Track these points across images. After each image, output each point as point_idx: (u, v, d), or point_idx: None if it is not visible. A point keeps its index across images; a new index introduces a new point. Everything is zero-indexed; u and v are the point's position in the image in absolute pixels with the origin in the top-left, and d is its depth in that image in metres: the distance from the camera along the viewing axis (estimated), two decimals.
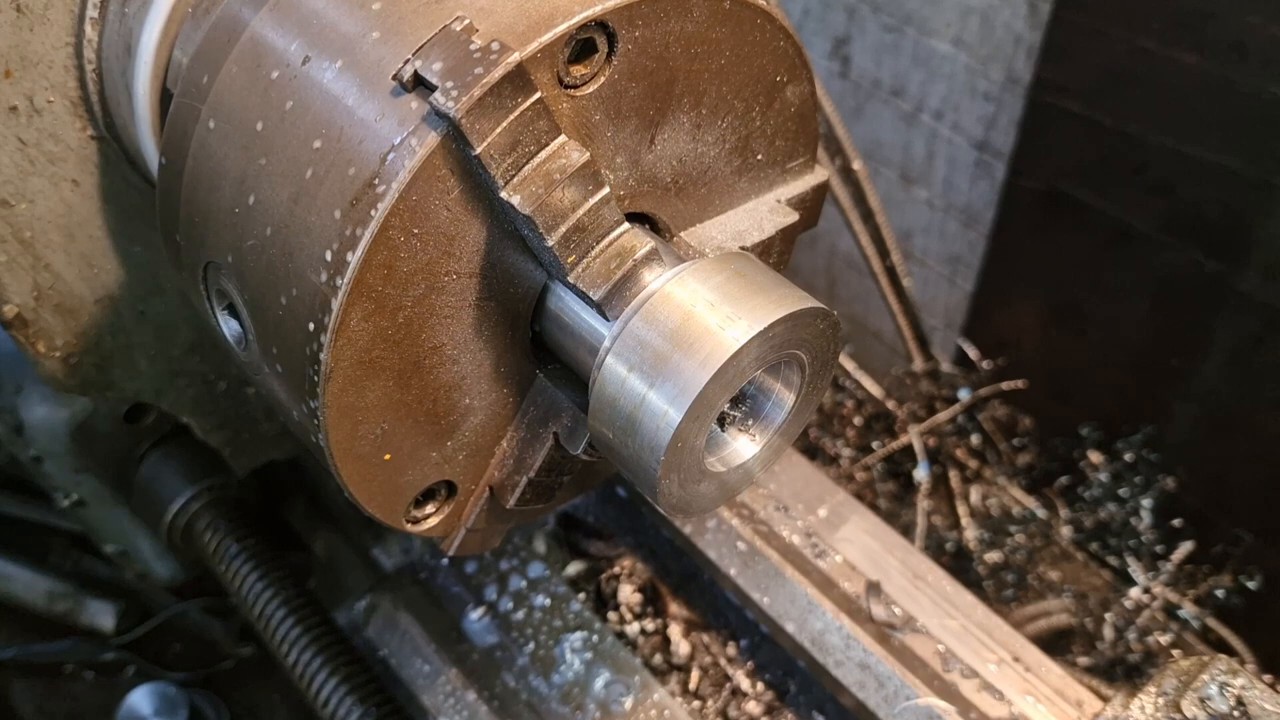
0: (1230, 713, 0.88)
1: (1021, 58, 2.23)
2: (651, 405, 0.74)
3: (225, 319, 0.85)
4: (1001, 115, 2.34)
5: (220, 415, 1.35)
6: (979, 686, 1.17)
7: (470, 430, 0.86)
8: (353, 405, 0.77)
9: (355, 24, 0.75)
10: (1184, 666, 0.93)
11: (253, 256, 0.78)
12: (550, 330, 0.85)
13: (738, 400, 0.81)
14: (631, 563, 1.37)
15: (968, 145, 2.46)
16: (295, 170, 0.74)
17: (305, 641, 1.32)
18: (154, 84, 0.97)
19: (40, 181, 1.03)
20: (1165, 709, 0.91)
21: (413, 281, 0.74)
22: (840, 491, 1.39)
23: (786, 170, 0.95)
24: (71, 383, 1.18)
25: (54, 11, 0.97)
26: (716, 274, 0.77)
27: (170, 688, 1.66)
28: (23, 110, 0.99)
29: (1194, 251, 2.09)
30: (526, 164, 0.72)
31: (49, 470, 1.40)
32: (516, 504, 0.89)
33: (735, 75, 0.84)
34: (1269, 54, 1.08)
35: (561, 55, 0.72)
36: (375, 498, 0.84)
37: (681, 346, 0.73)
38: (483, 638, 1.34)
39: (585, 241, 0.75)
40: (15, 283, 1.07)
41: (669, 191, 0.86)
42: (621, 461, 0.80)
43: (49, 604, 1.84)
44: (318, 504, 1.78)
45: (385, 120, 0.71)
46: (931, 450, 2.35)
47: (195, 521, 1.45)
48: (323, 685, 1.29)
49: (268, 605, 1.36)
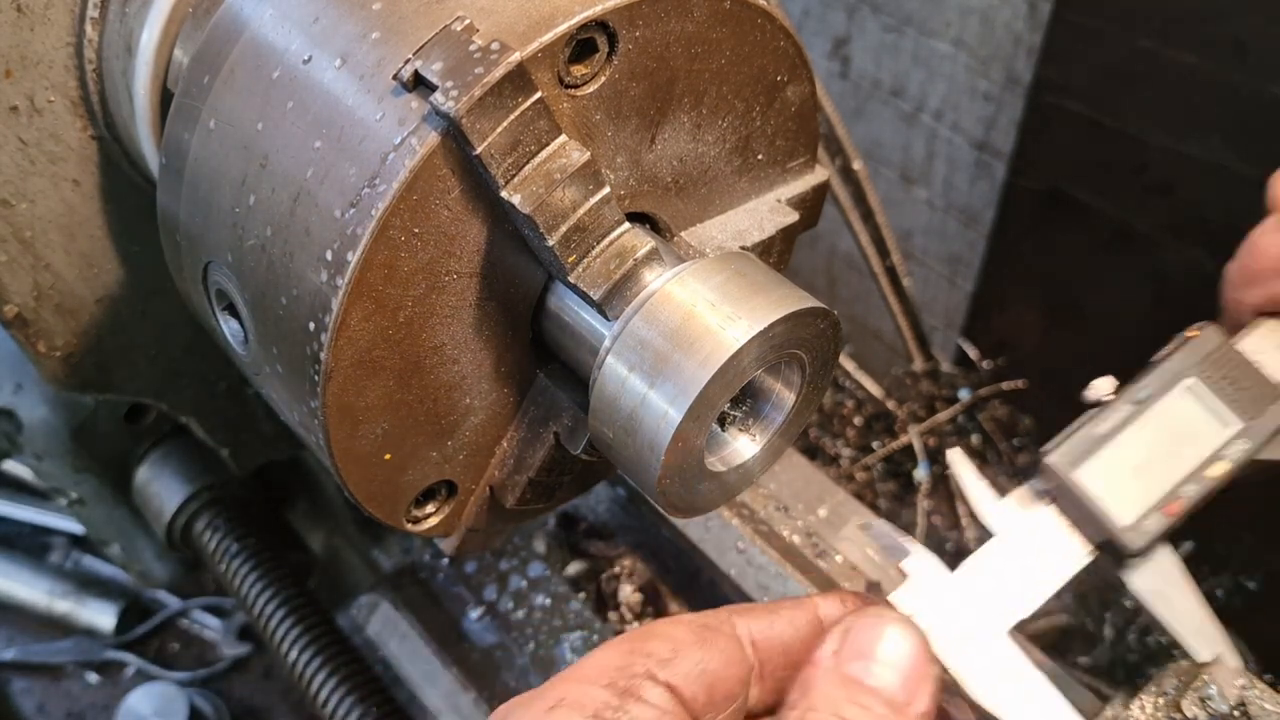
0: (1230, 713, 0.88)
1: (1021, 58, 2.23)
2: (652, 405, 0.74)
3: (225, 319, 0.85)
4: (1001, 115, 2.34)
5: (220, 415, 1.35)
6: None
7: (470, 430, 0.86)
8: (353, 405, 0.77)
9: (356, 24, 0.75)
10: (1184, 666, 0.93)
11: (253, 256, 0.78)
12: (550, 330, 0.85)
13: (738, 400, 0.80)
14: (632, 563, 1.37)
15: (968, 145, 2.46)
16: (296, 170, 0.74)
17: (305, 641, 1.32)
18: (154, 84, 0.97)
19: (41, 181, 1.03)
20: (1165, 709, 0.91)
21: (413, 281, 0.74)
22: (840, 491, 1.39)
23: (787, 170, 0.95)
24: (71, 383, 1.18)
25: (54, 11, 0.97)
26: (717, 274, 0.77)
27: (170, 688, 1.66)
28: (23, 110, 0.99)
29: (1194, 251, 2.09)
30: (527, 164, 0.72)
31: (49, 470, 1.40)
32: (517, 504, 0.89)
33: (736, 75, 0.84)
34: (1269, 54, 1.08)
35: (562, 55, 0.72)
36: (375, 497, 0.84)
37: (682, 346, 0.73)
38: (483, 638, 1.34)
39: (586, 241, 0.75)
40: (15, 283, 1.07)
41: (669, 191, 0.87)
42: (621, 461, 0.80)
43: (49, 604, 1.84)
44: (318, 504, 1.78)
45: (385, 120, 0.71)
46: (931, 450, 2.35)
47: (195, 521, 1.45)
48: (323, 685, 1.29)
49: (268, 605, 1.36)
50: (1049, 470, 0.76)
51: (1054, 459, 0.76)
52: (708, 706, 0.66)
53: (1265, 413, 0.79)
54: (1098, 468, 0.76)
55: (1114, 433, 0.77)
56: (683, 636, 0.67)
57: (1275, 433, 0.80)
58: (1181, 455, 0.78)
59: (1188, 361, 0.81)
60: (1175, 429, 0.78)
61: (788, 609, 0.72)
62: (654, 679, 0.65)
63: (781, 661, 0.70)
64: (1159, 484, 0.76)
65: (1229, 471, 0.78)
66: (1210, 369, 0.81)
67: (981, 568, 0.74)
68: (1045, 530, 0.76)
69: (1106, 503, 0.74)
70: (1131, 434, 0.78)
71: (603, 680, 0.64)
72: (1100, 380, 0.80)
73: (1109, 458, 0.77)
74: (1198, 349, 0.82)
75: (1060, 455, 0.76)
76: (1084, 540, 0.76)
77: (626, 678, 0.64)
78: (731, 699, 0.68)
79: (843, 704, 0.65)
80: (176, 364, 1.25)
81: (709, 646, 0.67)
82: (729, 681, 0.67)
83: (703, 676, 0.66)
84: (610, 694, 0.63)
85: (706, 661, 0.67)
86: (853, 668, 0.66)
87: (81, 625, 1.83)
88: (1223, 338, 0.83)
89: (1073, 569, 0.76)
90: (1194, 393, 0.79)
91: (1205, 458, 0.78)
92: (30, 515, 2.00)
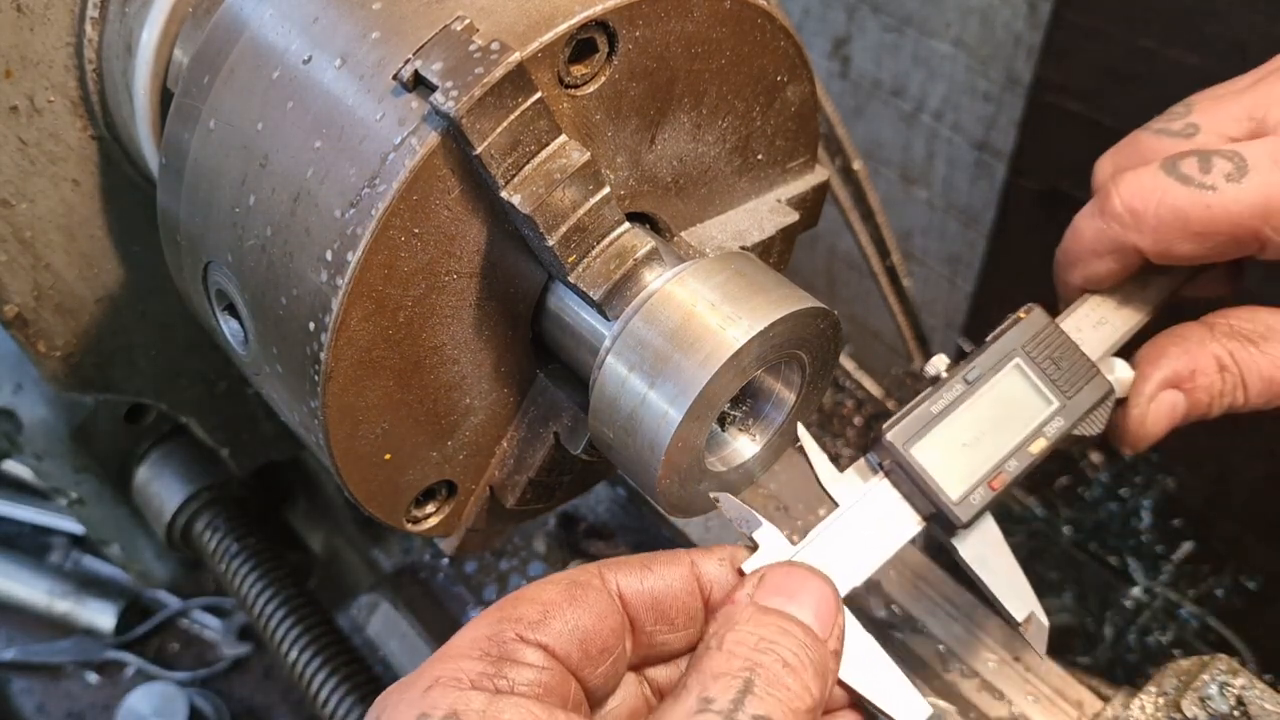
0: (1230, 713, 0.88)
1: (1021, 58, 2.23)
2: (652, 405, 0.74)
3: (225, 319, 0.85)
4: (1001, 115, 2.34)
5: (220, 415, 1.35)
6: (979, 686, 1.17)
7: (470, 430, 0.86)
8: (353, 405, 0.77)
9: (355, 24, 0.75)
10: (1184, 666, 0.93)
11: (253, 256, 0.78)
12: (550, 330, 0.85)
13: (738, 400, 0.81)
14: None
15: (968, 145, 2.46)
16: (296, 170, 0.74)
17: (305, 641, 1.32)
18: (154, 84, 0.97)
19: (41, 181, 1.03)
20: (1165, 709, 0.91)
21: (413, 281, 0.74)
22: None
23: (787, 170, 0.95)
24: (71, 383, 1.18)
25: (54, 11, 0.97)
26: (717, 273, 0.77)
27: (170, 688, 1.66)
28: (23, 110, 0.99)
29: None
30: (527, 164, 0.72)
31: (49, 470, 1.40)
32: (517, 504, 0.89)
33: (736, 75, 0.84)
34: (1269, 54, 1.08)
35: (562, 55, 0.72)
36: (375, 497, 0.84)
37: (682, 346, 0.73)
38: None
39: (586, 241, 0.75)
40: (15, 282, 1.07)
41: (669, 191, 0.87)
42: (622, 461, 0.80)
43: (49, 604, 1.84)
44: (318, 504, 1.78)
45: (385, 120, 0.71)
46: None
47: (195, 521, 1.45)
48: (323, 685, 1.29)
49: (268, 605, 1.36)
50: (886, 447, 0.81)
51: (891, 436, 0.81)
52: (585, 662, 0.68)
53: (1081, 391, 0.86)
54: (930, 444, 0.81)
55: (946, 411, 0.83)
56: (552, 597, 0.68)
57: (1088, 410, 0.86)
58: (1006, 432, 0.83)
59: (1016, 341, 0.87)
60: (1002, 407, 0.84)
61: (661, 563, 0.73)
62: (526, 641, 0.66)
63: (652, 615, 0.72)
64: (985, 460, 0.82)
65: (1046, 449, 0.83)
66: (1035, 348, 0.87)
67: (823, 538, 0.78)
68: (880, 502, 0.81)
69: (938, 479, 0.80)
70: (962, 412, 0.83)
71: (474, 653, 0.65)
72: (937, 358, 0.86)
73: (941, 435, 0.82)
74: (1026, 329, 0.88)
75: (896, 433, 0.81)
76: (915, 512, 0.81)
77: (498, 645, 0.65)
78: (609, 652, 0.69)
79: (766, 628, 0.67)
80: (176, 364, 1.25)
81: (579, 603, 0.68)
82: (603, 635, 0.69)
83: (575, 633, 0.67)
84: (485, 663, 0.64)
85: (578, 618, 0.68)
86: (772, 602, 0.69)
87: (81, 625, 1.83)
88: (1048, 319, 0.90)
89: (904, 539, 0.80)
90: (1020, 371, 0.86)
91: (1027, 435, 0.83)
92: (30, 515, 2.00)
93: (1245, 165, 0.84)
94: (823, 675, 0.68)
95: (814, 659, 0.67)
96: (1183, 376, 0.91)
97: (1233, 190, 0.84)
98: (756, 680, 0.64)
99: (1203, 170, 0.85)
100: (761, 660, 0.66)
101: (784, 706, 0.64)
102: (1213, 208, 0.85)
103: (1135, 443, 0.92)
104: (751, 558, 0.75)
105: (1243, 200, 0.84)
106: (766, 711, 0.63)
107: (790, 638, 0.67)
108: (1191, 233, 0.86)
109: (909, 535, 0.81)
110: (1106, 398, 0.88)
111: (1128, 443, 0.93)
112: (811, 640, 0.68)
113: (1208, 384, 0.91)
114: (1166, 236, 0.87)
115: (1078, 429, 0.86)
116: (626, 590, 0.71)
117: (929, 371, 0.86)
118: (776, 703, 0.64)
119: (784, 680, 0.65)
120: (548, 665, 0.66)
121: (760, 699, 0.63)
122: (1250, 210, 0.84)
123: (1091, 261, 0.93)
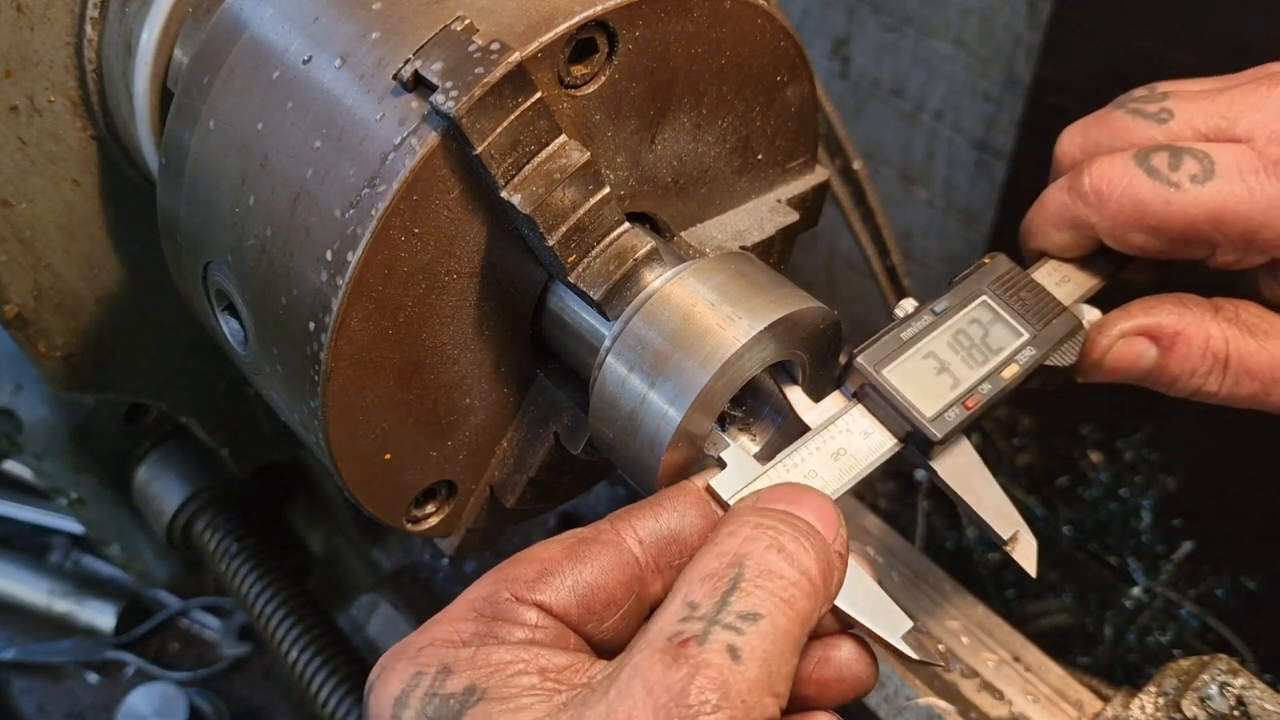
0: (1230, 713, 0.88)
1: (1021, 58, 2.23)
2: (652, 405, 0.74)
3: (225, 319, 0.85)
4: (1001, 115, 2.34)
5: (220, 415, 1.35)
6: (979, 686, 1.17)
7: (470, 430, 0.86)
8: (353, 405, 0.77)
9: (355, 24, 0.75)
10: (1184, 666, 0.93)
11: (253, 256, 0.78)
12: (550, 330, 0.85)
13: (738, 400, 0.81)
14: None
15: (968, 145, 2.46)
16: (296, 170, 0.74)
17: (305, 641, 1.32)
18: (154, 84, 0.97)
19: (41, 181, 1.03)
20: (1165, 709, 0.91)
21: (413, 281, 0.74)
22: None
23: (787, 170, 0.95)
24: (71, 383, 1.18)
25: (54, 11, 0.97)
26: (717, 273, 0.77)
27: (170, 688, 1.66)
28: (23, 110, 0.99)
29: None
30: (527, 164, 0.72)
31: (49, 470, 1.40)
32: (517, 504, 0.90)
33: (736, 75, 0.84)
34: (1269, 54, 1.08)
35: (562, 55, 0.72)
36: (375, 497, 0.84)
37: (682, 346, 0.73)
38: None
39: (585, 241, 0.75)
40: (15, 282, 1.07)
41: (669, 191, 0.87)
42: (622, 461, 0.80)
43: (49, 604, 1.84)
44: (318, 504, 1.78)
45: (385, 120, 0.71)
46: None
47: (195, 521, 1.45)
48: (323, 685, 1.29)
49: (268, 605, 1.37)
50: (858, 370, 0.81)
51: (862, 360, 0.82)
52: (587, 617, 0.66)
53: (1050, 324, 0.89)
54: (902, 367, 0.82)
55: (917, 338, 0.84)
56: (552, 555, 0.67)
57: (1059, 341, 0.88)
58: (978, 358, 0.85)
59: (982, 281, 0.90)
60: (972, 336, 0.86)
61: (669, 499, 0.71)
62: (521, 600, 0.65)
63: (675, 550, 0.69)
64: (958, 383, 0.83)
65: (1019, 374, 0.85)
66: (1002, 288, 0.90)
67: (795, 456, 0.77)
68: (854, 425, 0.81)
69: (911, 397, 0.80)
70: (933, 340, 0.85)
71: (470, 614, 0.64)
72: (906, 300, 0.88)
73: (912, 360, 0.83)
74: (991, 271, 0.91)
75: (868, 355, 0.82)
76: (890, 433, 0.81)
77: (493, 605, 0.65)
78: (616, 605, 0.67)
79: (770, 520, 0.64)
80: (176, 364, 1.25)
81: (581, 559, 0.67)
82: (609, 589, 0.67)
83: (575, 589, 0.66)
84: (479, 624, 0.64)
85: (580, 574, 0.66)
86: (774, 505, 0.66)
87: (81, 625, 1.83)
88: (1013, 263, 0.92)
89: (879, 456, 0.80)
90: (988, 306, 0.88)
91: (999, 362, 0.86)
92: (30, 515, 2.00)
93: (1213, 169, 0.85)
94: (826, 568, 0.63)
95: (815, 546, 0.62)
96: (1165, 334, 0.91)
97: (1194, 192, 0.85)
98: (745, 572, 0.59)
99: (1172, 167, 0.86)
100: (751, 549, 0.60)
101: (774, 597, 0.58)
102: (1171, 205, 0.86)
103: (1088, 370, 0.93)
104: (719, 475, 0.73)
105: (1201, 203, 0.85)
106: (752, 606, 0.57)
107: (790, 525, 0.63)
108: (1147, 225, 0.88)
109: (885, 452, 0.80)
110: (1076, 330, 0.90)
111: (1081, 369, 0.93)
112: (812, 531, 0.64)
113: (1186, 354, 0.91)
114: (1124, 224, 0.89)
115: (1050, 359, 0.88)
116: (645, 535, 0.69)
117: (898, 313, 0.87)
118: (766, 595, 0.58)
119: (776, 567, 0.60)
120: (544, 624, 0.64)
121: (746, 594, 0.58)
122: (1206, 214, 0.85)
123: (1051, 232, 0.94)
